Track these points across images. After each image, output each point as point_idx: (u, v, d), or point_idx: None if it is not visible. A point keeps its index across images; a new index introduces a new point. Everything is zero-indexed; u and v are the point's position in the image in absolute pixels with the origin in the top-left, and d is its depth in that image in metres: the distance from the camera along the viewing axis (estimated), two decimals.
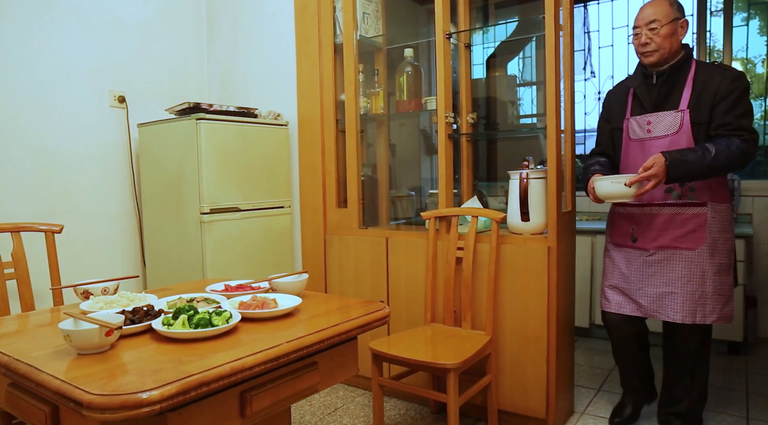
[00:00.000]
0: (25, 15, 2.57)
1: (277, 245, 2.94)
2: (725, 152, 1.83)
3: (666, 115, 1.97)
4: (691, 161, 1.82)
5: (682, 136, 1.93)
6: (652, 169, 1.83)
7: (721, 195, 1.98)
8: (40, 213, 2.61)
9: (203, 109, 2.63)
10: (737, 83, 1.89)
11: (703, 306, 1.94)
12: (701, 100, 1.91)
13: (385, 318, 1.46)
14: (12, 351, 1.17)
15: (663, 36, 1.93)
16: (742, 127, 1.87)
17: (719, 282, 1.96)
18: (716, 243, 1.95)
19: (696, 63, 1.98)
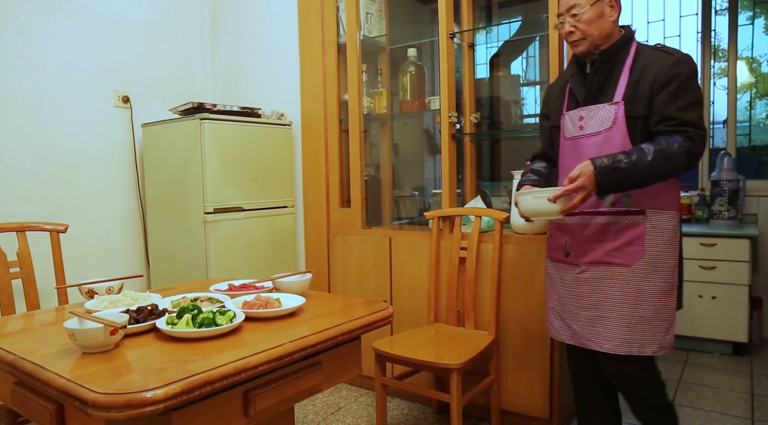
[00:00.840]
0: (29, 15, 2.58)
1: (280, 245, 2.95)
2: (665, 154, 1.52)
3: (599, 109, 1.66)
4: (624, 168, 1.52)
5: (616, 132, 1.62)
6: (578, 180, 1.54)
7: (664, 201, 1.64)
8: (45, 212, 2.62)
9: (207, 109, 2.64)
10: (679, 68, 1.57)
11: (641, 333, 1.59)
12: (638, 89, 1.61)
13: (389, 318, 1.47)
14: (17, 349, 1.18)
15: (587, 22, 1.64)
16: (686, 121, 1.54)
17: (660, 305, 1.60)
18: (657, 258, 1.61)
19: (637, 47, 1.68)
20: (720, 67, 3.74)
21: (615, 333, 1.61)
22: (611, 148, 1.61)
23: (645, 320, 1.59)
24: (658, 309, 1.60)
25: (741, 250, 3.02)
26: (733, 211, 3.39)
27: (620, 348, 1.60)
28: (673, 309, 1.63)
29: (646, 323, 1.59)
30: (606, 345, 1.61)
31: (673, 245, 1.63)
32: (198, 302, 1.48)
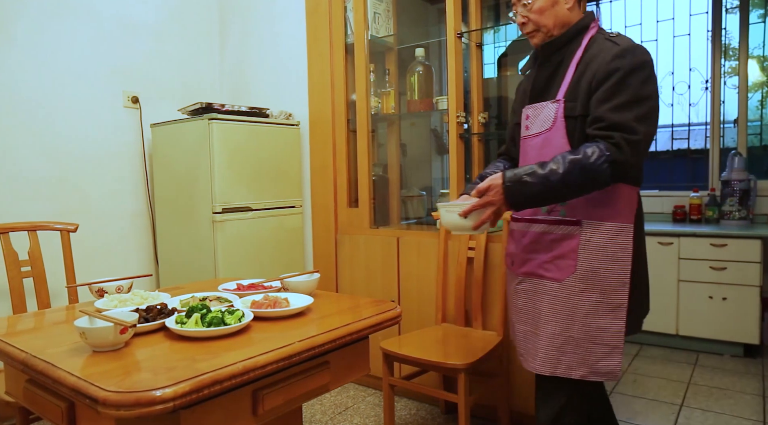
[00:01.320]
0: (39, 17, 2.60)
1: (288, 244, 2.96)
2: (580, 165, 1.33)
3: (543, 107, 1.50)
4: (533, 182, 1.36)
5: (555, 133, 1.46)
6: (486, 195, 1.41)
7: (607, 211, 1.43)
8: (55, 212, 2.64)
9: (215, 109, 2.65)
10: (619, 61, 1.36)
11: (568, 355, 1.43)
12: (580, 85, 1.43)
13: (397, 318, 1.47)
14: (29, 347, 1.19)
15: (538, 11, 1.48)
16: (614, 124, 1.34)
17: (595, 327, 1.41)
18: (592, 275, 1.42)
19: (592, 37, 1.49)
20: (730, 66, 3.71)
21: (541, 352, 1.46)
22: (551, 150, 1.45)
23: (574, 341, 1.42)
24: (592, 331, 1.42)
25: (752, 251, 3.00)
26: (744, 211, 3.36)
27: (543, 368, 1.45)
28: (616, 333, 1.41)
29: (576, 345, 1.42)
30: (532, 363, 1.49)
31: (615, 262, 1.41)
32: (207, 301, 1.48)
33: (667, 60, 3.89)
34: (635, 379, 2.84)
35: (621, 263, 1.42)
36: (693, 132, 3.95)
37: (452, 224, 1.46)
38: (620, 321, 1.42)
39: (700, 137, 3.90)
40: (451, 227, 1.48)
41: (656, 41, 3.87)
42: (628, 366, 3.03)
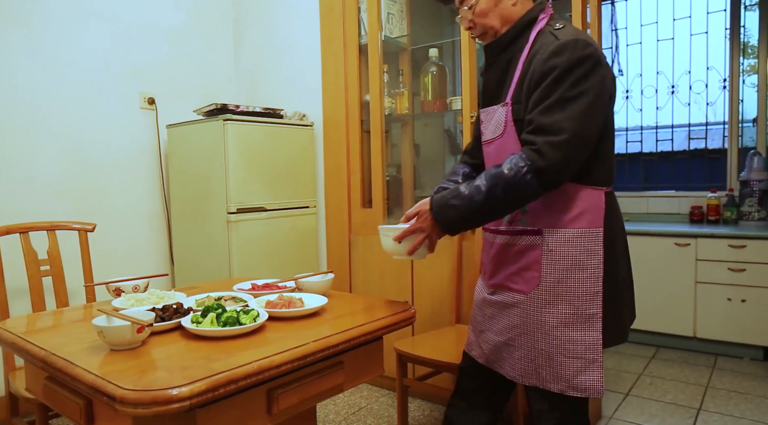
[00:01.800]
0: (59, 20, 2.64)
1: (302, 245, 2.97)
2: (502, 180, 1.26)
3: (494, 112, 1.41)
4: (459, 204, 1.30)
5: (508, 139, 1.37)
6: (416, 221, 1.37)
7: (568, 217, 1.33)
8: (73, 212, 2.68)
9: (230, 110, 2.67)
10: (556, 59, 1.25)
11: (544, 368, 1.35)
12: (525, 85, 1.32)
13: (411, 319, 1.47)
14: (49, 345, 1.21)
15: (482, 14, 1.38)
16: (541, 127, 1.25)
17: (566, 340, 1.32)
18: (559, 285, 1.33)
19: (541, 30, 1.36)
20: (749, 64, 3.65)
21: (519, 363, 1.40)
22: (506, 157, 1.32)
23: (546, 354, 1.34)
24: (563, 345, 1.32)
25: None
26: (764, 211, 3.31)
27: (524, 378, 1.39)
28: (591, 346, 1.31)
29: (549, 358, 1.34)
30: (512, 372, 1.42)
31: (583, 270, 1.32)
32: (222, 301, 1.49)
33: (683, 59, 3.85)
34: (651, 382, 2.81)
35: (590, 271, 1.32)
36: (710, 131, 3.90)
37: (388, 248, 1.44)
38: (595, 332, 1.31)
39: (717, 137, 3.85)
40: (389, 251, 1.45)
41: (673, 40, 3.83)
42: (644, 369, 3.00)
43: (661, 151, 4.08)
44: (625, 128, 4.17)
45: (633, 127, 4.15)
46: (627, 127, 4.16)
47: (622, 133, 4.19)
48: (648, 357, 3.19)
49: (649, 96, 4.04)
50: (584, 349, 1.31)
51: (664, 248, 3.28)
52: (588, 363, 1.31)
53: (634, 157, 4.18)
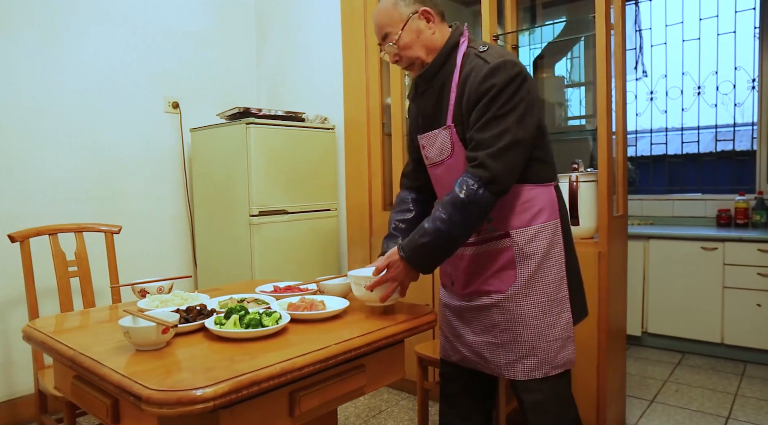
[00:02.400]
0: (86, 26, 2.70)
1: (323, 247, 2.98)
2: (459, 204, 1.33)
3: (436, 136, 1.48)
4: (428, 242, 1.35)
5: (456, 159, 1.45)
6: (387, 272, 1.40)
7: (529, 215, 1.45)
8: (99, 214, 2.73)
9: (253, 113, 2.70)
10: (491, 79, 1.34)
11: (529, 357, 1.44)
12: (463, 107, 1.41)
13: (432, 323, 1.46)
14: (77, 345, 1.23)
15: (405, 46, 1.45)
16: (479, 142, 1.34)
17: (546, 326, 1.44)
18: (533, 278, 1.44)
19: (465, 53, 1.45)
20: None
21: (502, 359, 1.47)
22: (458, 175, 1.41)
23: (529, 345, 1.44)
24: (543, 331, 1.44)
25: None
26: None
27: (510, 372, 1.46)
28: (566, 325, 1.46)
29: (532, 347, 1.44)
30: (496, 369, 1.49)
31: (551, 259, 1.45)
32: (245, 303, 1.51)
33: (710, 59, 3.78)
34: (677, 389, 2.76)
35: (556, 259, 1.46)
36: (738, 133, 3.81)
37: (360, 296, 1.47)
38: (566, 312, 1.47)
39: (745, 138, 3.76)
40: (360, 299, 1.48)
41: (699, 40, 3.76)
42: (670, 375, 2.95)
43: (686, 153, 4.01)
44: (650, 130, 4.11)
45: (657, 129, 4.08)
46: (651, 129, 4.10)
47: (646, 134, 4.12)
48: (673, 364, 3.13)
49: (674, 97, 3.97)
50: (560, 330, 1.46)
51: (690, 252, 3.22)
52: (564, 341, 1.46)
53: (658, 159, 4.12)
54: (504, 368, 1.47)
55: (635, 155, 4.20)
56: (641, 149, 4.22)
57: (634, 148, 4.19)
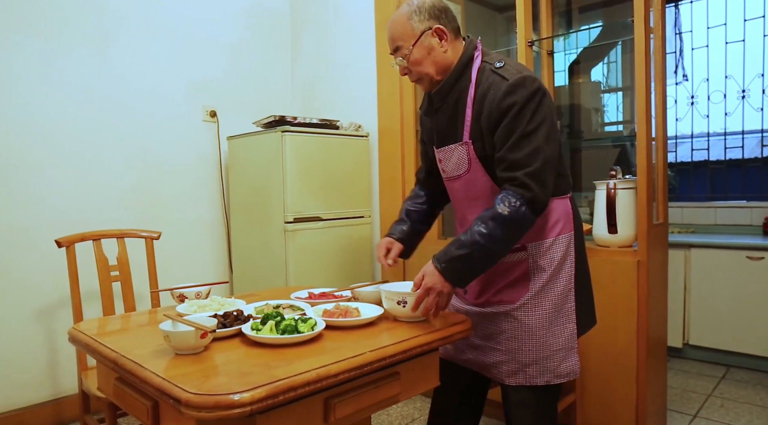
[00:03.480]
0: (131, 38, 2.79)
1: (357, 254, 2.99)
2: (502, 220, 1.33)
3: (452, 150, 1.50)
4: (466, 254, 1.35)
5: (474, 174, 1.48)
6: (423, 284, 1.39)
7: (546, 228, 1.49)
8: (139, 220, 2.81)
9: (288, 121, 2.73)
10: (512, 97, 1.35)
11: (531, 366, 1.49)
12: (482, 124, 1.42)
13: (466, 331, 1.45)
14: (119, 348, 1.26)
15: (416, 62, 1.46)
16: (515, 163, 1.35)
17: (550, 336, 1.48)
18: (543, 290, 1.48)
19: (479, 69, 1.46)
20: None
21: (505, 366, 1.51)
22: (476, 189, 1.49)
23: (533, 354, 1.48)
24: (548, 341, 1.48)
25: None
26: None
27: (510, 378, 1.50)
28: (570, 336, 1.50)
29: (536, 356, 1.48)
30: (497, 375, 1.53)
31: (563, 272, 1.49)
32: (280, 309, 1.52)
33: (756, 61, 3.65)
34: (722, 404, 2.66)
35: (566, 271, 1.50)
36: None
37: (392, 310, 1.45)
38: (572, 323, 1.50)
39: None
40: (395, 315, 1.47)
41: (743, 41, 3.64)
42: (714, 389, 2.84)
43: (729, 158, 3.88)
44: (690, 135, 3.99)
45: (699, 134, 3.97)
46: (692, 134, 3.99)
47: (687, 140, 4.01)
48: (717, 377, 3.02)
49: (716, 101, 3.86)
50: (565, 340, 1.49)
51: (734, 262, 3.11)
52: (567, 351, 1.49)
53: (699, 165, 4.00)
54: (505, 375, 1.51)
55: (675, 161, 4.09)
56: (681, 155, 4.11)
57: (674, 153, 4.08)
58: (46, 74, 2.51)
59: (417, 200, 1.75)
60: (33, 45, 2.48)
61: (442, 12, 1.47)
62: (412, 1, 1.47)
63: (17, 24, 2.43)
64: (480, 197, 1.50)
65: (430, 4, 1.46)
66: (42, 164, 2.51)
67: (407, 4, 1.47)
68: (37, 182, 2.50)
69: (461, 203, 1.57)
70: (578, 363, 1.51)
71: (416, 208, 1.73)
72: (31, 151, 2.48)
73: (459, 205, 1.60)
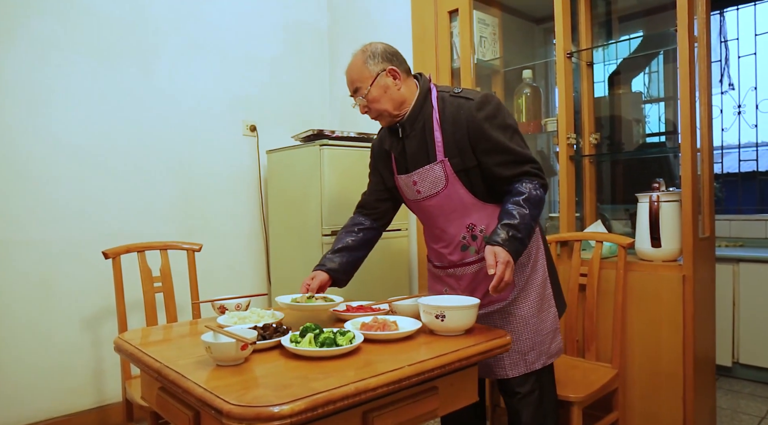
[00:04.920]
0: (174, 55, 2.88)
1: (394, 267, 2.99)
2: (536, 202, 1.53)
3: (428, 171, 1.63)
4: (520, 236, 1.47)
5: (452, 189, 1.62)
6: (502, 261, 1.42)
7: None
8: (181, 232, 2.88)
9: (326, 135, 2.77)
10: (484, 111, 1.55)
11: (529, 354, 1.63)
12: (458, 141, 1.58)
13: (506, 346, 1.43)
14: (162, 358, 1.29)
15: (374, 100, 1.63)
16: (515, 160, 1.55)
17: (539, 322, 1.65)
18: (527, 283, 1.65)
19: (438, 97, 1.64)
20: None
21: (506, 360, 1.63)
22: (455, 204, 1.63)
23: (530, 341, 1.64)
24: (539, 326, 1.65)
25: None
26: None
27: (512, 371, 1.63)
28: (554, 318, 1.69)
29: (532, 342, 1.64)
30: (500, 371, 1.64)
31: (539, 263, 1.68)
32: (313, 299, 1.66)
33: None
34: None
35: (540, 261, 1.68)
36: None
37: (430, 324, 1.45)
38: (553, 307, 1.70)
39: None
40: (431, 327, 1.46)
41: None
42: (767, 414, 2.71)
43: None
44: (737, 145, 3.86)
45: (746, 144, 3.83)
46: (739, 144, 3.85)
47: (734, 150, 3.88)
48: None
49: (764, 110, 3.72)
50: (551, 323, 1.68)
51: (762, 275, 2.98)
52: (554, 332, 1.69)
53: (748, 176, 3.86)
54: (508, 368, 1.63)
55: (721, 172, 3.96)
56: (728, 166, 3.97)
57: (720, 164, 3.95)
58: (93, 90, 2.62)
59: (357, 227, 1.87)
60: (84, 62, 2.59)
61: (393, 55, 1.66)
62: (366, 47, 1.67)
63: (72, 42, 2.55)
64: (457, 209, 1.64)
65: (382, 49, 1.66)
66: (89, 178, 2.60)
67: (362, 50, 1.67)
68: (85, 196, 2.59)
69: (439, 219, 1.69)
70: (562, 341, 1.74)
71: (355, 237, 1.84)
72: (78, 166, 2.58)
73: (437, 221, 1.70)
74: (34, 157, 2.46)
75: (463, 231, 1.66)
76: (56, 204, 2.51)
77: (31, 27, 2.44)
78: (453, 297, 1.54)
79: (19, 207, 2.42)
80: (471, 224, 1.64)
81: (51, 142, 2.50)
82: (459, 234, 1.66)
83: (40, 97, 2.47)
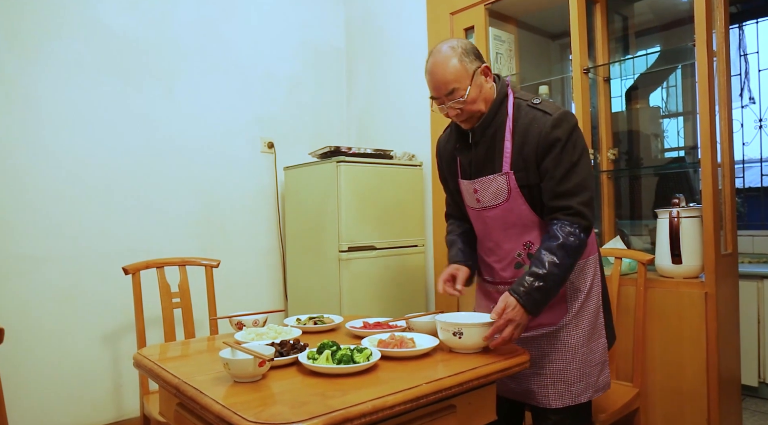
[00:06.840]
0: (201, 75, 2.94)
1: (410, 283, 2.98)
2: (568, 248, 1.43)
3: (491, 181, 1.57)
4: (544, 286, 1.41)
5: (513, 203, 1.55)
6: (505, 315, 1.41)
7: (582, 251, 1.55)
8: (199, 248, 2.91)
9: (343, 152, 2.79)
10: (558, 131, 1.46)
11: (575, 385, 1.55)
12: (524, 155, 1.51)
13: (525, 364, 1.41)
14: (180, 374, 1.30)
15: (472, 101, 1.52)
16: (567, 192, 1.45)
17: (589, 352, 1.56)
18: (581, 310, 1.57)
19: (514, 104, 1.56)
20: None
21: (550, 389, 1.56)
22: (514, 217, 1.57)
23: (578, 372, 1.56)
24: (587, 357, 1.57)
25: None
26: None
27: (556, 401, 1.55)
28: (603, 350, 1.61)
29: (580, 373, 1.56)
30: (543, 400, 1.57)
31: (593, 290, 1.60)
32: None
33: None
34: None
35: (595, 290, 1.60)
36: None
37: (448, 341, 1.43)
38: (603, 338, 1.62)
39: None
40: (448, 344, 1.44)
41: None
42: None
43: None
44: (759, 159, 3.80)
45: None
46: (761, 158, 3.79)
47: (756, 164, 3.82)
48: None
49: None
50: (600, 355, 1.60)
51: None
52: (603, 364, 1.61)
53: None
54: (552, 398, 1.55)
55: (743, 187, 3.89)
56: (750, 180, 3.91)
57: (742, 179, 3.89)
58: (117, 110, 2.68)
59: (462, 227, 1.78)
60: (110, 83, 2.65)
61: (479, 52, 1.57)
62: (453, 45, 1.53)
63: (97, 64, 2.61)
64: (516, 224, 1.57)
65: (471, 46, 1.55)
66: (110, 194, 2.65)
67: (450, 48, 1.52)
68: (106, 212, 2.64)
69: (495, 232, 1.62)
70: (609, 375, 1.63)
71: (465, 232, 1.77)
72: (101, 182, 2.62)
73: (492, 234, 1.63)
74: (61, 176, 2.51)
75: (520, 248, 1.59)
76: (78, 220, 2.56)
77: (58, 49, 2.51)
78: (470, 314, 1.54)
79: (47, 223, 2.47)
80: (529, 242, 1.57)
81: (75, 161, 2.55)
82: (515, 250, 1.59)
83: (67, 116, 2.53)
